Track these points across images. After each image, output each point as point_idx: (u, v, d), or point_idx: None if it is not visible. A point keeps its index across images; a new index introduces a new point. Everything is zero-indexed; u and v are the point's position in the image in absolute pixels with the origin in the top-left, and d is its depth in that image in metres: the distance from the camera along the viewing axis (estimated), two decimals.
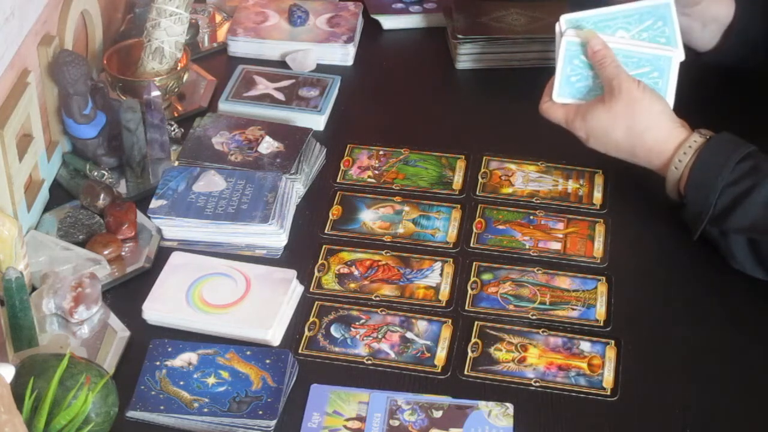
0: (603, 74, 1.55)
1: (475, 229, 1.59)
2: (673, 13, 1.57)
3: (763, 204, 1.46)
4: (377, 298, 1.48)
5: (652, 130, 1.53)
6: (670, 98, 1.57)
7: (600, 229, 1.59)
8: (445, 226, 1.59)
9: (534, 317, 1.46)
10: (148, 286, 1.47)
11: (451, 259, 1.54)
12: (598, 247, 1.56)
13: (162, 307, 1.44)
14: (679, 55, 1.57)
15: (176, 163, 1.65)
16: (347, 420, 1.32)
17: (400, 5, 2.05)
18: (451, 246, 1.56)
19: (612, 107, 1.54)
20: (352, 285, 1.50)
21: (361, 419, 1.32)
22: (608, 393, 1.36)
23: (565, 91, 1.59)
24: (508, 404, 1.33)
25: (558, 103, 1.59)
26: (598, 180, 1.67)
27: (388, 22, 2.03)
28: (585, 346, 1.42)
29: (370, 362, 1.40)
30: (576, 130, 1.58)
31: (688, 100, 1.58)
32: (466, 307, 1.47)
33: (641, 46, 1.56)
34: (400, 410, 1.33)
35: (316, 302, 1.47)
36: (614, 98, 1.53)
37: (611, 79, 1.53)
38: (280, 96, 1.82)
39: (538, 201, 1.64)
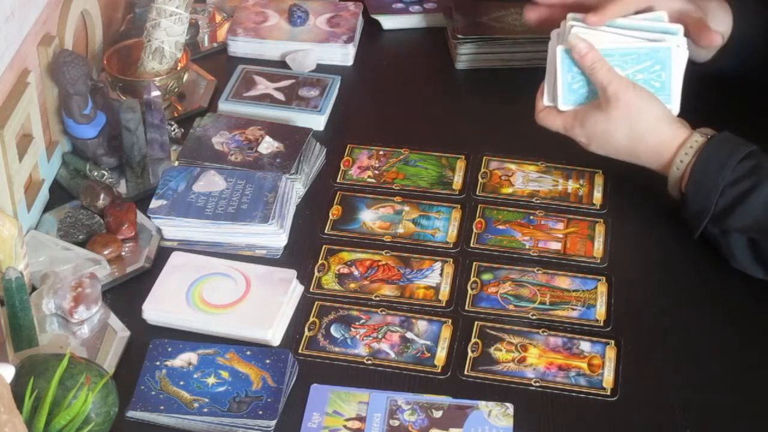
0: (595, 80, 1.54)
1: (475, 229, 1.59)
2: (675, 61, 1.54)
3: (764, 203, 1.45)
4: (377, 298, 1.48)
5: (653, 132, 1.53)
6: (677, 91, 1.55)
7: (600, 229, 1.59)
8: (445, 226, 1.59)
9: (534, 317, 1.46)
10: (148, 286, 1.47)
11: (451, 259, 1.54)
12: (598, 247, 1.56)
13: (162, 307, 1.44)
14: (674, 108, 1.55)
15: (176, 163, 1.65)
16: (347, 420, 1.32)
17: (400, 5, 2.05)
18: (451, 246, 1.57)
19: (610, 114, 1.53)
20: (352, 285, 1.50)
21: (361, 419, 1.32)
22: (608, 393, 1.36)
23: (569, 98, 1.58)
24: (508, 404, 1.33)
25: (555, 110, 1.59)
26: (598, 180, 1.67)
27: (388, 22, 2.03)
28: (585, 346, 1.42)
29: (370, 362, 1.40)
30: (576, 136, 1.58)
31: (687, 101, 1.58)
32: (466, 307, 1.47)
33: (637, 40, 1.55)
34: (400, 410, 1.33)
35: (316, 302, 1.47)
36: (611, 105, 1.53)
37: (605, 86, 1.53)
38: (280, 96, 1.82)
39: (538, 201, 1.64)
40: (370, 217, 1.61)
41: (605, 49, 1.54)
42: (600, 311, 1.47)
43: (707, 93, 1.69)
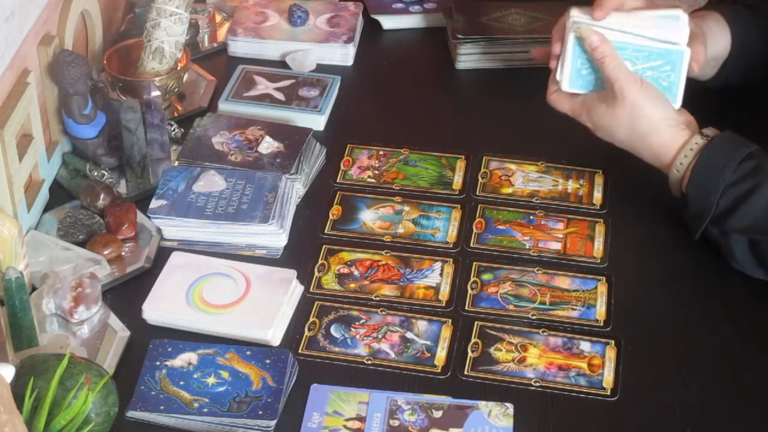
0: (604, 73, 1.54)
1: (475, 229, 1.59)
2: (684, 64, 1.54)
3: (765, 204, 1.45)
4: (377, 298, 1.48)
5: (654, 133, 1.53)
6: (681, 93, 1.56)
7: (600, 229, 1.59)
8: (445, 226, 1.59)
9: (534, 317, 1.46)
10: (148, 286, 1.47)
11: (451, 259, 1.54)
12: (598, 247, 1.56)
13: (162, 307, 1.44)
14: (676, 108, 1.56)
15: (176, 163, 1.65)
16: (347, 420, 1.32)
17: (400, 5, 2.05)
18: (451, 246, 1.57)
19: (614, 110, 1.54)
20: (352, 285, 1.50)
21: (361, 419, 1.32)
22: (608, 393, 1.36)
23: (576, 83, 1.58)
24: (508, 404, 1.33)
25: (565, 93, 1.59)
26: (598, 180, 1.67)
27: (388, 22, 2.03)
28: (585, 346, 1.42)
29: (370, 362, 1.40)
30: (583, 122, 1.59)
31: (688, 101, 1.58)
32: (466, 307, 1.47)
33: (651, 39, 1.55)
34: (400, 410, 1.33)
35: (316, 302, 1.47)
36: (616, 101, 1.53)
37: (612, 82, 1.53)
38: (280, 96, 1.82)
39: (538, 201, 1.64)
40: (370, 217, 1.61)
41: (619, 41, 1.54)
42: (600, 311, 1.47)
43: (708, 94, 1.69)
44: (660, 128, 1.53)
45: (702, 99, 1.61)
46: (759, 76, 1.68)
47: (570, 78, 1.58)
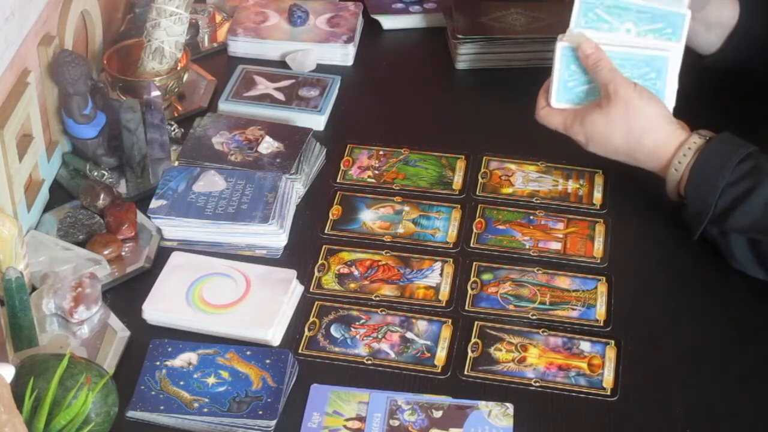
0: (598, 78, 1.54)
1: (475, 229, 1.59)
2: (670, 69, 1.54)
3: (763, 204, 1.45)
4: (377, 298, 1.48)
5: (651, 133, 1.53)
6: (670, 98, 1.56)
7: (600, 229, 1.59)
8: (445, 226, 1.59)
9: (534, 317, 1.46)
10: (148, 286, 1.47)
11: (451, 259, 1.54)
12: (598, 247, 1.56)
13: (162, 307, 1.44)
14: (678, 50, 1.54)
15: (176, 163, 1.65)
16: (347, 420, 1.32)
17: (400, 5, 2.05)
18: (451, 246, 1.57)
19: (609, 113, 1.53)
20: (352, 285, 1.50)
21: (361, 419, 1.32)
22: (608, 393, 1.36)
23: (563, 96, 1.58)
24: (508, 404, 1.33)
25: (555, 108, 1.59)
26: (598, 180, 1.67)
27: (388, 22, 2.03)
28: (585, 346, 1.42)
29: (370, 362, 1.40)
30: (575, 135, 1.58)
31: (689, 100, 1.58)
32: (466, 307, 1.47)
33: (636, 47, 1.55)
34: (400, 410, 1.33)
35: (316, 302, 1.47)
36: (611, 103, 1.53)
37: (607, 84, 1.53)
38: (280, 96, 1.82)
39: (538, 201, 1.64)
40: (370, 217, 1.61)
41: (607, 50, 1.54)
42: (600, 311, 1.47)
43: (707, 92, 1.69)
44: (656, 126, 1.53)
45: (701, 97, 1.61)
46: (762, 60, 1.67)
47: (557, 91, 1.58)
